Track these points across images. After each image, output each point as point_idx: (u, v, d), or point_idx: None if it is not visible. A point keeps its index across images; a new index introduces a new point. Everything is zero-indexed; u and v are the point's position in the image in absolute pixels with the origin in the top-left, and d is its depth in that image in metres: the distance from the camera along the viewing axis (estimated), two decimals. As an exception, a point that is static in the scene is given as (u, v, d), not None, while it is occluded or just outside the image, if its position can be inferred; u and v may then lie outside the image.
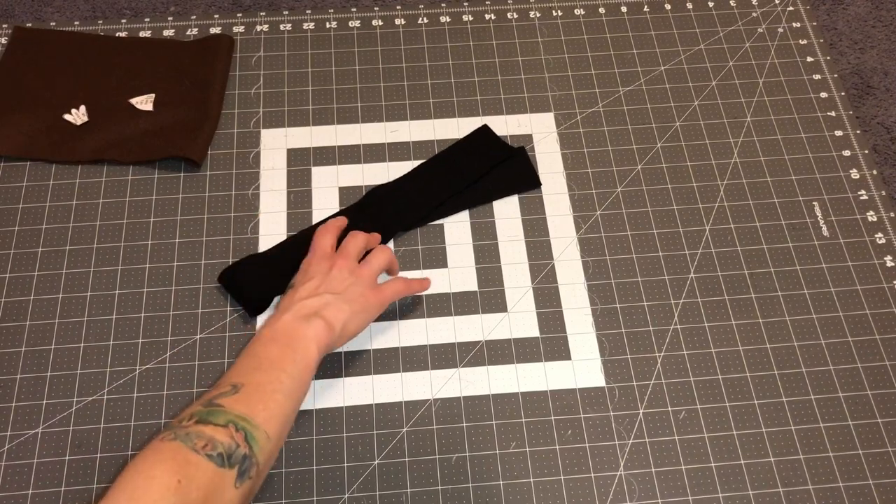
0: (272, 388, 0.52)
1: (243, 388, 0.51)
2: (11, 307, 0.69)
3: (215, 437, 0.48)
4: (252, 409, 0.50)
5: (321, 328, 0.57)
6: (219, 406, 0.50)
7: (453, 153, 0.76)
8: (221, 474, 0.47)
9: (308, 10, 0.87)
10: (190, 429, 0.48)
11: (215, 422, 0.48)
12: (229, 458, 0.47)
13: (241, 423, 0.49)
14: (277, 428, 0.52)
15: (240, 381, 0.52)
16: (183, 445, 0.47)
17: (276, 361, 0.54)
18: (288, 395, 0.53)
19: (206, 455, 0.47)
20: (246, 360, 0.55)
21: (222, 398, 0.50)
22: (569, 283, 0.71)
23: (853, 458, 0.63)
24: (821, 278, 0.71)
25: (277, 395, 0.52)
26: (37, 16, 0.88)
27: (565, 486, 0.62)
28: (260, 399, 0.51)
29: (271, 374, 0.53)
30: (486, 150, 0.77)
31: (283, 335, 0.56)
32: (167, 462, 0.46)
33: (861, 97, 0.84)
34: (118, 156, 0.76)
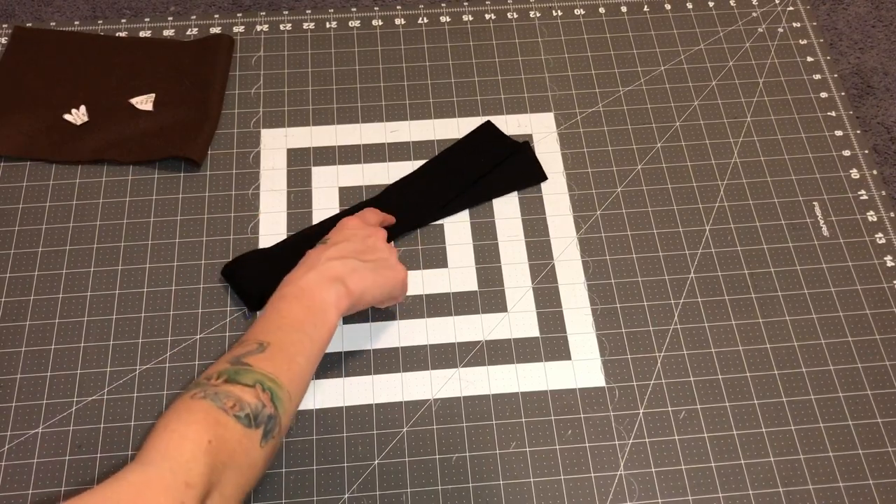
0: (295, 349, 0.53)
1: (269, 347, 0.52)
2: (11, 307, 0.69)
3: (243, 397, 0.49)
4: (277, 369, 0.51)
5: (343, 294, 0.57)
6: (246, 365, 0.51)
7: (457, 151, 0.77)
8: (249, 434, 0.48)
9: (308, 10, 0.87)
10: (219, 388, 0.49)
11: (243, 381, 0.49)
12: (255, 419, 0.49)
13: (267, 383, 0.50)
14: (298, 389, 0.53)
15: (265, 339, 0.53)
16: (213, 405, 0.48)
17: (299, 322, 0.55)
18: (308, 357, 0.54)
19: (235, 416, 0.48)
20: (271, 317, 0.55)
21: (249, 357, 0.51)
22: (569, 283, 0.71)
23: (853, 458, 0.63)
24: (821, 278, 0.71)
25: (299, 357, 0.53)
26: (37, 16, 0.88)
27: (565, 486, 0.62)
28: (284, 359, 0.52)
29: (294, 335, 0.54)
30: (489, 146, 0.77)
31: (307, 295, 0.56)
32: (199, 422, 0.47)
33: (861, 97, 0.84)
34: (118, 156, 0.76)
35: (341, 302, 0.57)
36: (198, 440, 0.46)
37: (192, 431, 0.46)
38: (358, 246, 0.61)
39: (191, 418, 0.47)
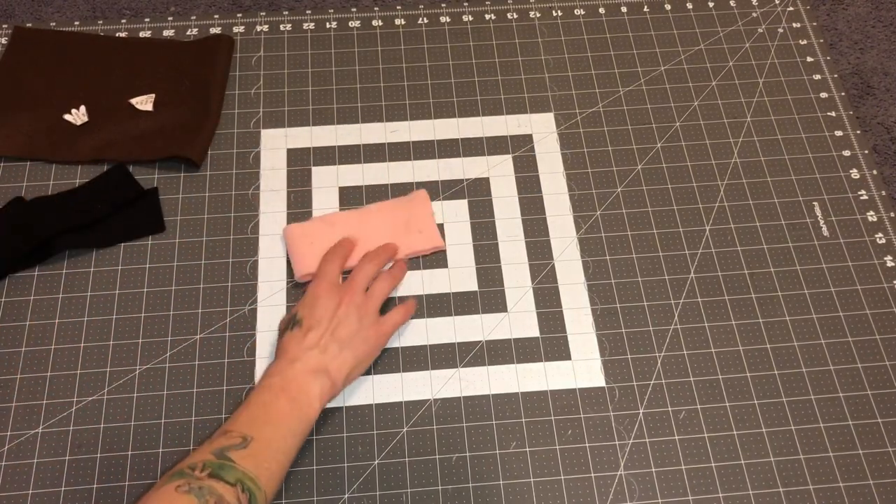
0: (277, 446, 0.55)
1: (252, 443, 0.54)
2: (11, 307, 0.69)
3: (224, 496, 0.50)
4: (258, 468, 0.53)
5: (327, 387, 0.59)
6: (230, 460, 0.53)
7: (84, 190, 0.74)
8: None
9: (308, 10, 0.87)
10: (203, 482, 0.51)
11: (226, 478, 0.51)
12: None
13: (248, 483, 0.52)
14: (274, 488, 0.55)
15: (251, 433, 0.55)
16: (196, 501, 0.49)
17: (284, 418, 0.57)
18: (288, 454, 0.56)
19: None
20: (257, 409, 0.57)
21: (233, 451, 0.53)
22: (569, 283, 0.71)
23: (853, 458, 0.63)
24: (821, 278, 0.71)
25: (280, 455, 0.55)
26: (37, 16, 0.88)
27: (565, 486, 0.62)
28: (265, 458, 0.54)
29: (279, 430, 0.56)
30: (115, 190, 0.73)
31: (292, 388, 0.58)
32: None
33: (861, 97, 0.84)
34: (118, 156, 0.76)
35: (325, 394, 0.59)
36: None
37: None
38: (330, 325, 0.62)
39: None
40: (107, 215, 0.72)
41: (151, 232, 0.72)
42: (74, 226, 0.71)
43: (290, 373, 0.59)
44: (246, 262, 0.71)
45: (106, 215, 0.72)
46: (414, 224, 0.72)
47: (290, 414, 0.57)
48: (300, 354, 0.60)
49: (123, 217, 0.73)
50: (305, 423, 0.58)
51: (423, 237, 0.72)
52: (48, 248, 0.70)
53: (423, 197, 0.74)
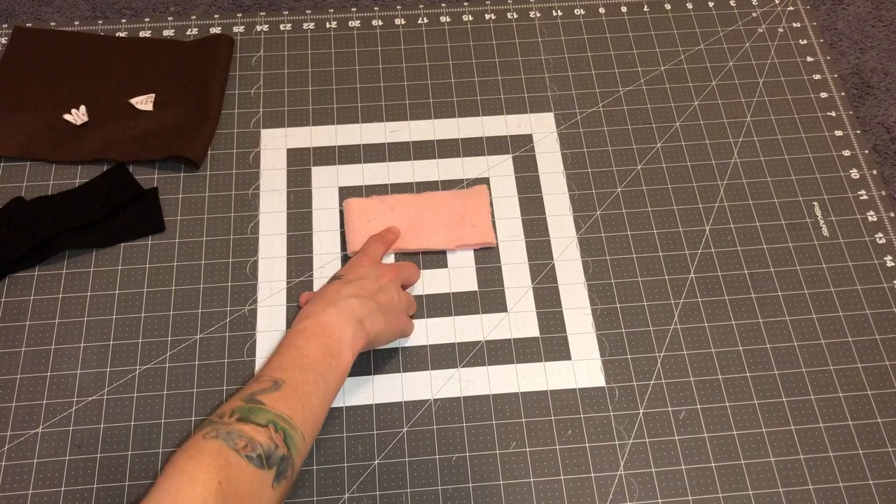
0: (310, 390, 0.53)
1: (284, 386, 0.52)
2: (11, 307, 0.69)
3: (255, 437, 0.48)
4: (292, 409, 0.51)
5: (360, 336, 0.57)
6: (260, 403, 0.50)
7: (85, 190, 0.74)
8: (260, 476, 0.48)
9: (308, 10, 0.87)
10: (232, 427, 0.49)
11: (256, 420, 0.49)
12: (268, 460, 0.48)
13: (280, 423, 0.50)
14: (311, 430, 0.53)
15: (281, 376, 0.53)
16: (224, 445, 0.47)
17: (316, 362, 0.54)
18: (322, 398, 0.54)
19: (247, 456, 0.47)
20: (288, 353, 0.55)
21: (263, 395, 0.51)
22: (569, 283, 0.71)
23: (853, 458, 0.63)
24: (821, 278, 0.71)
25: (314, 398, 0.53)
26: (37, 16, 0.88)
27: (565, 486, 0.62)
28: (299, 400, 0.52)
29: (310, 374, 0.54)
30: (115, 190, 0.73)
31: (325, 333, 0.56)
32: (209, 464, 0.46)
33: (861, 97, 0.84)
34: (118, 156, 0.76)
35: (357, 342, 0.57)
36: (207, 482, 0.45)
37: (202, 473, 0.45)
38: (373, 286, 0.62)
39: (201, 459, 0.46)
40: (107, 215, 0.72)
41: (151, 232, 0.72)
42: (74, 226, 0.71)
43: (325, 317, 0.57)
44: (246, 262, 0.71)
45: (106, 215, 0.72)
46: (469, 217, 0.73)
47: (322, 360, 0.55)
48: (337, 300, 0.58)
49: (123, 217, 0.73)
50: (338, 369, 0.55)
51: (475, 231, 0.72)
52: (48, 248, 0.70)
53: (483, 192, 0.75)
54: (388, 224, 0.72)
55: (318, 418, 0.54)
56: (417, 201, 0.74)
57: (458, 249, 0.72)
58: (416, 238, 0.72)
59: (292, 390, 0.52)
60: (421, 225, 0.72)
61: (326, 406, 0.55)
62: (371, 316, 0.59)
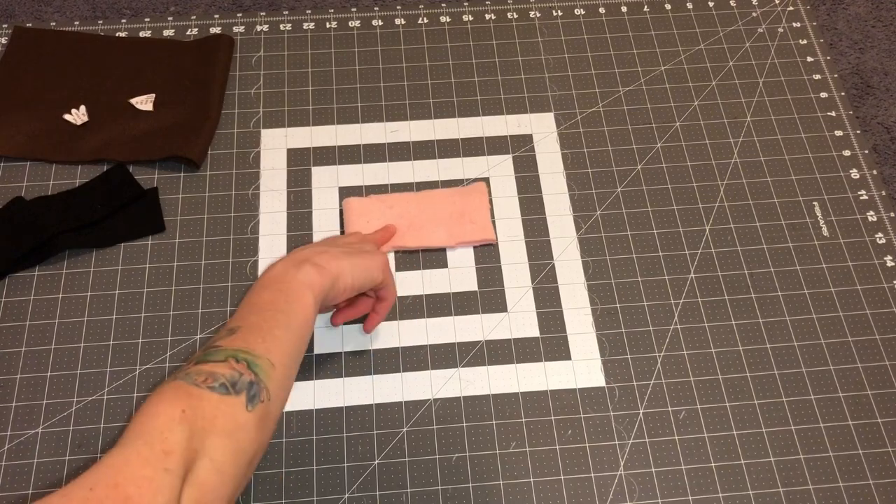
0: (268, 325, 0.53)
1: (240, 330, 0.52)
2: (11, 307, 0.69)
3: (215, 370, 0.48)
4: (250, 343, 0.51)
5: (313, 273, 0.56)
6: (217, 346, 0.51)
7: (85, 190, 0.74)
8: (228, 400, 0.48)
9: (308, 10, 0.87)
10: (190, 369, 0.49)
11: (214, 359, 0.49)
12: (234, 386, 0.48)
13: (240, 354, 0.50)
14: (281, 357, 0.52)
15: (236, 324, 0.53)
16: (183, 382, 0.48)
17: (269, 304, 0.54)
18: (286, 329, 0.53)
19: (209, 387, 0.48)
20: (241, 309, 0.55)
21: (220, 341, 0.51)
22: (569, 283, 0.71)
23: (853, 458, 0.63)
24: (821, 278, 0.71)
25: (276, 329, 0.53)
26: (37, 16, 0.88)
27: (565, 486, 0.62)
28: (257, 334, 0.52)
29: (265, 314, 0.53)
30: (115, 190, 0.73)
31: (274, 282, 0.56)
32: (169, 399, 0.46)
33: (861, 97, 0.84)
34: (118, 156, 0.76)
35: (313, 280, 0.56)
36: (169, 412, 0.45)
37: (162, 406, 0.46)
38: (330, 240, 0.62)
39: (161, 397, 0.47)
40: (107, 215, 0.72)
41: (151, 232, 0.72)
42: (74, 226, 0.71)
43: (271, 272, 0.57)
44: (246, 262, 0.71)
45: (106, 215, 0.72)
46: (468, 214, 0.73)
47: (276, 300, 0.54)
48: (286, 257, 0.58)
49: (123, 217, 0.73)
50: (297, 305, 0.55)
51: (475, 228, 0.72)
52: (48, 248, 0.70)
53: (481, 189, 0.75)
54: (385, 223, 0.72)
55: (286, 346, 0.53)
56: (417, 200, 0.74)
57: (458, 247, 0.72)
58: (417, 236, 0.72)
59: (248, 330, 0.52)
60: (421, 223, 0.72)
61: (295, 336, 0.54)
62: (323, 255, 0.58)
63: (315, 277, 0.56)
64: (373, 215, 0.72)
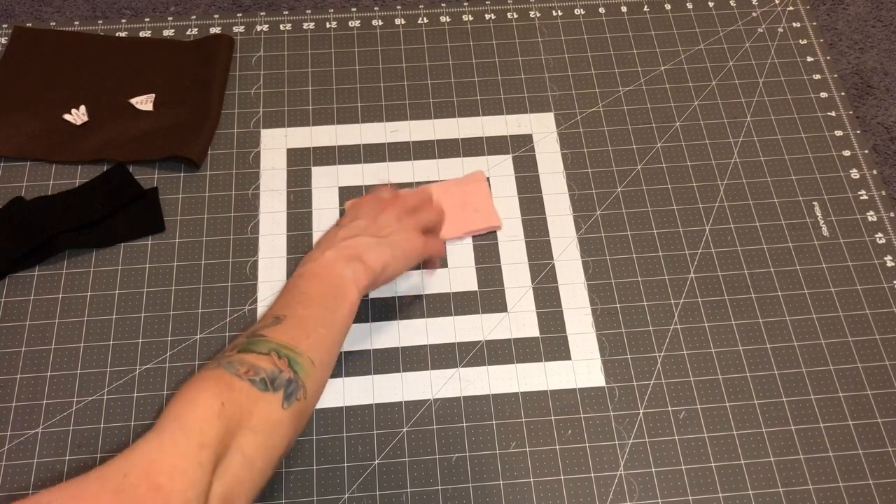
0: (314, 322, 0.53)
1: (286, 320, 0.52)
2: (11, 307, 0.69)
3: (258, 363, 0.49)
4: (294, 339, 0.51)
5: (360, 271, 0.57)
6: (262, 336, 0.51)
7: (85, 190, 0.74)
8: (266, 397, 0.48)
9: (308, 10, 0.87)
10: (233, 357, 0.49)
11: (257, 350, 0.49)
12: (273, 382, 0.49)
13: (283, 350, 0.50)
14: (322, 356, 0.52)
15: (282, 313, 0.53)
16: (225, 372, 0.48)
17: (318, 298, 0.55)
18: (330, 328, 0.54)
19: (249, 380, 0.48)
20: (288, 295, 0.55)
21: (265, 329, 0.51)
22: (569, 283, 0.71)
23: (853, 458, 0.63)
24: (821, 278, 0.71)
25: (320, 328, 0.53)
26: (37, 16, 0.88)
27: (565, 486, 0.62)
28: (302, 330, 0.52)
29: (312, 309, 0.54)
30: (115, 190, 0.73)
31: (325, 273, 0.56)
32: (210, 388, 0.47)
33: (861, 97, 0.84)
34: (118, 156, 0.76)
35: (360, 278, 0.57)
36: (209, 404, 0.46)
37: (203, 397, 0.46)
38: (368, 224, 0.61)
39: (202, 385, 0.47)
40: (107, 215, 0.72)
41: (151, 232, 0.72)
42: (74, 226, 0.71)
43: (323, 259, 0.57)
44: (246, 262, 0.71)
45: (106, 215, 0.72)
46: (470, 203, 0.73)
47: (325, 294, 0.55)
48: (334, 244, 0.59)
49: (123, 217, 0.73)
50: (343, 303, 0.55)
51: (479, 216, 0.72)
52: (48, 248, 0.70)
53: (480, 177, 0.75)
54: None
55: (328, 345, 0.53)
56: None
57: (465, 237, 0.72)
58: None
59: (295, 323, 0.52)
60: None
61: (336, 336, 0.55)
62: (371, 251, 0.58)
63: (362, 277, 0.57)
64: None
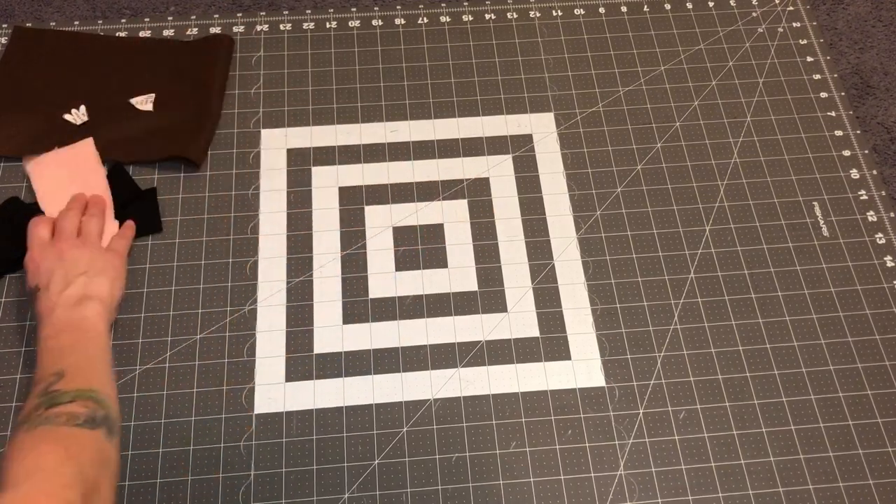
0: (89, 363, 0.56)
1: (66, 372, 0.54)
2: (12, 307, 0.68)
3: (73, 410, 0.50)
4: (86, 381, 0.53)
5: (95, 306, 0.59)
6: (56, 391, 0.52)
7: None
8: (94, 436, 0.50)
9: (308, 10, 0.87)
10: (45, 413, 0.50)
11: (61, 401, 0.51)
12: (93, 422, 0.51)
13: (85, 393, 0.52)
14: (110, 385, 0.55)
15: (56, 369, 0.54)
16: (50, 426, 0.49)
17: (76, 345, 0.57)
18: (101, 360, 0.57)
19: (75, 425, 0.50)
20: (49, 355, 0.57)
21: (54, 386, 0.53)
22: (569, 283, 0.71)
23: (853, 458, 0.63)
24: (821, 278, 0.71)
25: (96, 363, 0.56)
26: (37, 16, 0.88)
27: (565, 486, 0.62)
28: (84, 373, 0.54)
29: (79, 355, 0.56)
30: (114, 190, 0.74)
31: (66, 326, 0.58)
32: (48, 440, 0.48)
33: (861, 97, 0.84)
34: (118, 156, 0.76)
35: (98, 311, 0.59)
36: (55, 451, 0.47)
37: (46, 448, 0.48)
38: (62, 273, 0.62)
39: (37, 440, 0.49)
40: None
41: (149, 232, 0.72)
42: None
43: (55, 319, 0.59)
44: (246, 262, 0.71)
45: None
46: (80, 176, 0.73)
47: (78, 339, 0.57)
48: (54, 304, 0.60)
49: (122, 217, 0.72)
50: (98, 339, 0.58)
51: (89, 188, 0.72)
52: None
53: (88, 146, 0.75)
54: None
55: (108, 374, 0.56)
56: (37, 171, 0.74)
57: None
58: None
59: (75, 371, 0.54)
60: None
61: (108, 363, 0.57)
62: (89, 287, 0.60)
63: (100, 309, 0.60)
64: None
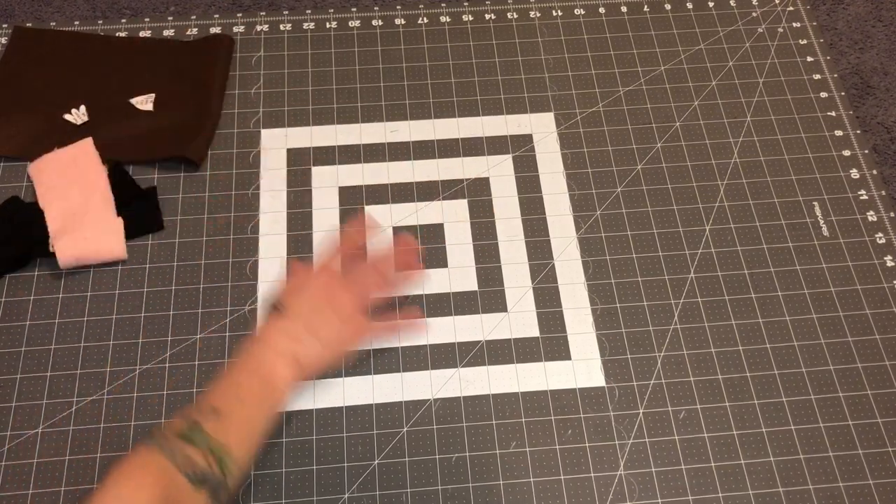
0: (247, 423, 0.56)
1: (223, 417, 0.55)
2: (11, 307, 0.69)
3: (194, 458, 0.51)
4: (228, 439, 0.54)
5: (294, 373, 0.59)
6: (199, 427, 0.53)
7: None
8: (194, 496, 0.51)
9: (308, 10, 0.87)
10: (174, 444, 0.52)
11: (195, 442, 0.52)
12: (204, 481, 0.51)
13: (217, 450, 0.53)
14: (245, 461, 0.55)
15: (220, 405, 0.55)
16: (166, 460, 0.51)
17: (254, 397, 0.57)
18: (257, 431, 0.57)
19: (185, 474, 0.51)
20: (228, 388, 0.57)
21: (204, 422, 0.54)
22: (569, 283, 0.71)
23: (853, 458, 0.63)
24: (821, 278, 0.71)
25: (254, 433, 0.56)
26: (37, 16, 0.88)
27: (565, 486, 0.62)
28: (235, 430, 0.55)
29: (247, 408, 0.57)
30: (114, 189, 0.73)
31: (264, 370, 0.58)
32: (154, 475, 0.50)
33: (861, 97, 0.84)
34: (118, 156, 0.76)
35: (293, 376, 0.59)
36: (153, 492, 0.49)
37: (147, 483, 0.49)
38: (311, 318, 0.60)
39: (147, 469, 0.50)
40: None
41: (150, 231, 0.72)
42: None
43: (263, 356, 0.59)
44: (246, 262, 0.71)
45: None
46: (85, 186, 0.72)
47: (260, 394, 0.57)
48: (276, 339, 0.59)
49: (122, 216, 0.72)
50: (274, 404, 0.58)
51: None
52: (47, 247, 0.70)
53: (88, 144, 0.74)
54: None
55: (253, 448, 0.56)
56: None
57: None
58: None
59: (231, 421, 0.55)
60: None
61: (262, 436, 0.57)
62: (308, 352, 0.59)
63: (295, 375, 0.58)
64: None
